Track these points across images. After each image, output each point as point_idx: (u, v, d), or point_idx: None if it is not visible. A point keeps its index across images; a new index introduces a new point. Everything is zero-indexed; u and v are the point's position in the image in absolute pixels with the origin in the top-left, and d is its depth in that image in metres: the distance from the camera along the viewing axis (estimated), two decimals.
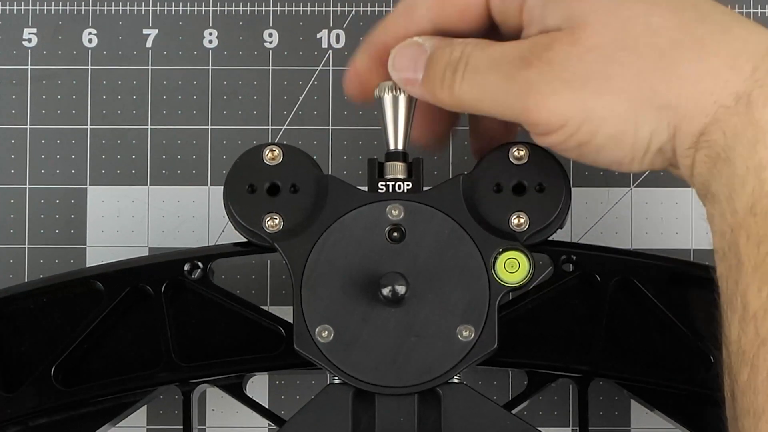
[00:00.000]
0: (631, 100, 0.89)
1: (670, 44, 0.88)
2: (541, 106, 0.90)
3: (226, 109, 1.16)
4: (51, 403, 1.03)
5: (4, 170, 1.16)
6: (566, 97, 0.89)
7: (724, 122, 0.87)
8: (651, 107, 0.89)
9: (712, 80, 0.88)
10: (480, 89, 0.92)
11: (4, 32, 1.16)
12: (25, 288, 1.05)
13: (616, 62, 0.89)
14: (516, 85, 0.90)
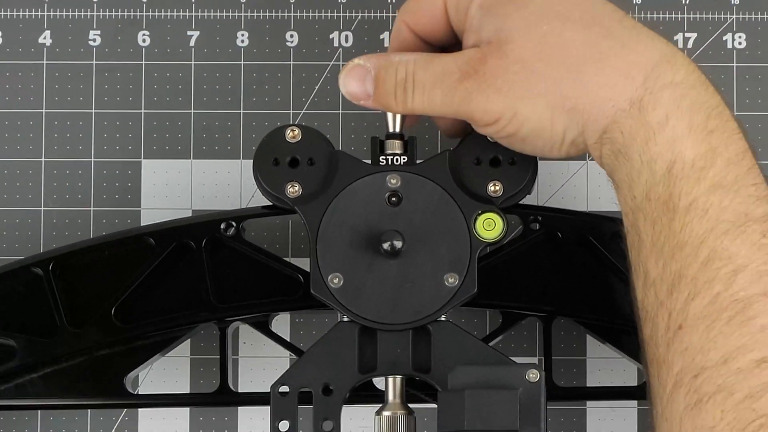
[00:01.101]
0: (547, 104, 0.90)
1: (578, 58, 0.89)
2: (478, 108, 0.91)
3: (255, 97, 1.15)
4: (111, 337, 1.03)
5: (74, 148, 1.15)
6: (497, 101, 0.90)
7: (622, 123, 0.89)
8: (563, 110, 0.90)
9: (611, 89, 0.89)
10: (429, 101, 0.93)
11: (73, 34, 1.15)
12: (92, 243, 1.05)
13: (535, 73, 0.90)
14: (457, 95, 0.92)
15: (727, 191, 0.86)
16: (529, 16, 0.91)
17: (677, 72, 0.89)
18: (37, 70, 1.16)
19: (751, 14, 1.17)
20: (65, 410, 1.13)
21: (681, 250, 0.86)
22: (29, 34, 1.16)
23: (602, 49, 0.89)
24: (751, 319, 0.82)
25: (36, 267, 1.04)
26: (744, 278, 0.84)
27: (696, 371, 0.83)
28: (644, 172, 0.88)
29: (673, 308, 0.86)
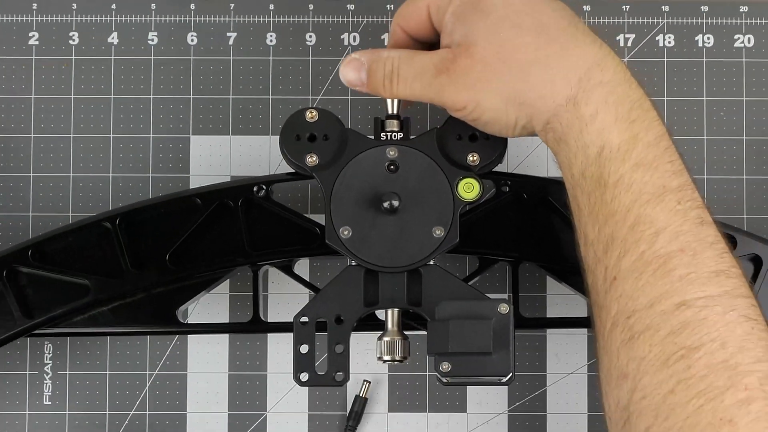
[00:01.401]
0: (503, 98, 0.91)
1: (527, 61, 0.90)
2: (449, 98, 0.92)
3: (281, 85, 1.15)
4: (166, 278, 1.03)
5: (136, 126, 1.14)
6: (464, 93, 0.91)
7: (561, 116, 0.89)
8: (515, 103, 0.90)
9: (552, 87, 0.89)
10: (410, 91, 0.95)
11: (135, 35, 1.15)
12: (150, 202, 1.05)
13: (494, 72, 0.91)
14: (433, 87, 0.93)
15: (647, 168, 0.86)
16: (490, 25, 0.91)
17: (606, 73, 0.89)
18: (106, 65, 1.15)
19: (679, 19, 1.16)
20: (128, 336, 1.12)
21: (612, 217, 0.87)
22: (101, 36, 1.15)
23: (547, 53, 0.90)
24: (671, 271, 0.83)
25: (106, 222, 1.02)
26: (664, 238, 0.84)
27: (628, 314, 0.84)
28: (579, 156, 0.89)
29: (608, 264, 0.87)
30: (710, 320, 0.81)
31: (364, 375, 1.12)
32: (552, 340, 1.13)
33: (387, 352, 0.98)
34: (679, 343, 0.81)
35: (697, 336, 0.81)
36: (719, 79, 1.16)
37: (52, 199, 1.14)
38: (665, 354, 0.81)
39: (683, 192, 0.86)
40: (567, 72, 0.90)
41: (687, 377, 0.80)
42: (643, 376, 0.82)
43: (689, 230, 0.85)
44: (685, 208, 0.86)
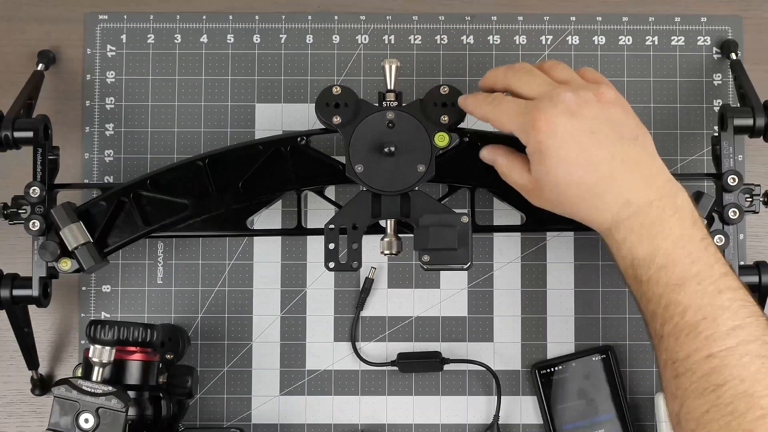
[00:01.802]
0: (567, 215, 0.91)
1: (575, 202, 0.88)
2: (535, 203, 0.93)
3: (316, 70, 1.14)
4: (239, 199, 1.04)
5: (219, 97, 1.13)
6: (542, 204, 0.92)
7: (605, 237, 0.89)
8: (577, 219, 0.90)
9: (591, 221, 0.89)
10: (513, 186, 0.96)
11: (219, 35, 1.14)
12: (228, 148, 1.04)
13: (554, 207, 0.91)
14: (525, 194, 0.94)
15: (669, 267, 0.85)
16: (551, 172, 0.87)
17: (632, 207, 0.86)
18: (199, 56, 1.14)
19: (608, 26, 1.15)
20: (214, 238, 1.11)
21: (650, 302, 0.86)
22: (195, 36, 1.14)
23: (590, 196, 0.87)
24: (699, 333, 0.82)
25: (199, 161, 1.03)
26: (690, 312, 0.83)
27: (673, 360, 0.84)
28: (620, 262, 0.88)
29: (654, 328, 0.86)
30: (731, 365, 0.80)
31: (371, 263, 1.11)
32: (497, 240, 1.12)
33: (387, 248, 0.98)
34: (710, 381, 0.81)
35: (722, 376, 0.80)
36: (635, 65, 1.14)
37: (162, 147, 1.13)
38: (700, 388, 0.81)
39: (700, 275, 0.84)
40: (603, 214, 0.87)
41: (717, 404, 0.80)
42: (686, 399, 0.82)
43: (708, 303, 0.83)
44: (703, 287, 0.84)
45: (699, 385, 0.82)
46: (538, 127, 0.87)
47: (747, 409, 0.79)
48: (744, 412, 0.79)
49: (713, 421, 0.80)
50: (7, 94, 1.07)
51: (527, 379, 1.12)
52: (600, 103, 0.88)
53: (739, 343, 0.81)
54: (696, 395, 0.82)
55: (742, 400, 0.79)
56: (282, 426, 1.11)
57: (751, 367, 0.81)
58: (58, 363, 1.12)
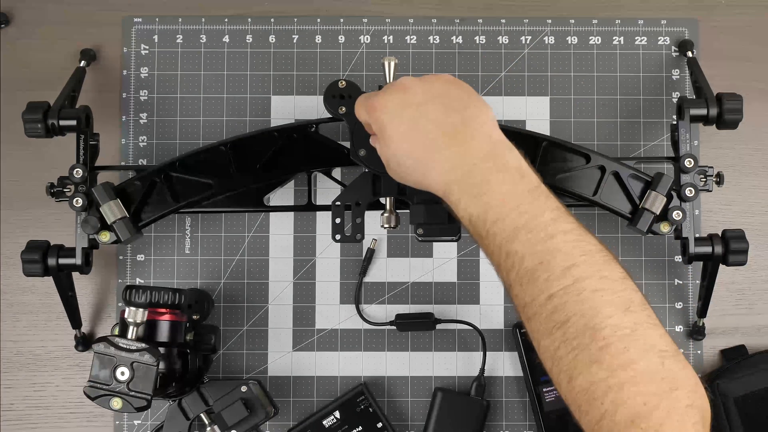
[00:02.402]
0: (414, 184, 0.86)
1: (413, 175, 0.85)
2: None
3: (324, 66, 1.13)
4: (258, 179, 1.03)
5: (239, 89, 1.13)
6: (396, 177, 0.88)
7: (444, 200, 0.84)
8: (422, 187, 0.85)
9: (432, 188, 0.84)
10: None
11: (238, 36, 1.14)
12: (248, 135, 1.04)
13: (401, 177, 0.87)
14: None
15: (501, 221, 0.79)
16: (390, 153, 0.86)
17: (457, 172, 0.82)
18: (221, 55, 1.13)
19: (581, 27, 1.15)
20: (235, 213, 1.11)
21: (492, 254, 0.81)
22: (218, 37, 1.14)
23: (424, 169, 0.83)
24: (537, 278, 0.78)
25: (222, 146, 1.03)
26: (528, 259, 0.78)
27: (522, 306, 0.80)
28: (462, 221, 0.83)
29: (503, 277, 0.81)
30: (570, 302, 0.76)
31: (373, 236, 1.11)
32: None
33: (386, 222, 0.98)
34: (554, 320, 0.76)
35: (564, 314, 0.76)
36: (603, 62, 1.13)
37: (190, 133, 1.13)
38: (548, 328, 0.77)
39: (529, 225, 0.79)
40: (436, 180, 0.83)
41: (564, 340, 0.76)
42: (540, 340, 0.78)
43: (541, 250, 0.78)
44: (534, 235, 0.78)
45: (546, 326, 0.77)
46: (374, 107, 0.86)
47: (591, 341, 0.74)
48: (588, 344, 0.74)
49: (564, 357, 0.75)
50: (54, 87, 1.07)
51: (509, 337, 1.12)
52: (435, 80, 0.86)
53: (575, 281, 0.76)
54: (546, 334, 0.77)
55: (585, 333, 0.74)
56: (294, 378, 1.12)
57: (588, 302, 0.75)
58: (98, 323, 1.13)
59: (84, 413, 1.11)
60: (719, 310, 1.11)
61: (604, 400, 0.73)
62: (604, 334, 0.74)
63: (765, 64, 1.14)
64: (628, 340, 0.74)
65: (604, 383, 0.73)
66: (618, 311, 0.75)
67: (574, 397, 0.76)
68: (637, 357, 0.73)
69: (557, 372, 0.77)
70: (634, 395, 0.72)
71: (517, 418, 1.11)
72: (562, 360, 0.76)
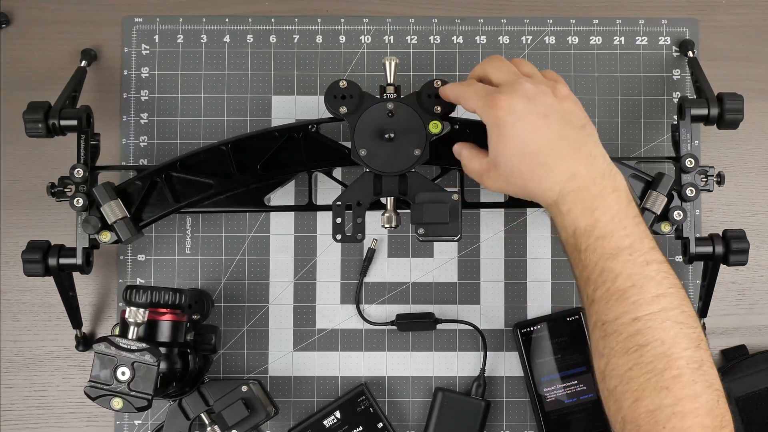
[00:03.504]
0: (518, 192, 0.89)
1: (526, 181, 0.86)
2: (486, 185, 0.91)
3: (325, 66, 1.12)
4: (258, 179, 1.03)
5: (240, 89, 1.13)
6: (495, 186, 0.90)
7: (550, 209, 0.87)
8: (526, 194, 0.88)
9: (542, 196, 0.86)
10: (467, 169, 0.95)
11: (239, 36, 1.13)
12: (249, 135, 1.03)
13: (508, 184, 0.88)
14: (481, 179, 0.92)
15: (606, 238, 0.84)
16: (507, 153, 0.86)
17: (577, 181, 0.85)
18: (222, 54, 1.13)
19: (581, 27, 1.14)
20: (235, 213, 1.11)
21: (586, 268, 0.85)
22: (219, 37, 1.14)
23: (539, 174, 0.86)
24: (627, 298, 0.82)
25: (222, 146, 1.02)
26: (621, 279, 0.83)
27: (602, 322, 0.83)
28: (563, 232, 0.87)
29: (588, 293, 0.85)
30: (653, 327, 0.81)
31: (373, 235, 1.11)
32: (483, 215, 1.12)
33: (387, 222, 0.99)
34: (634, 342, 0.81)
35: (645, 338, 0.80)
36: (604, 62, 1.13)
37: (190, 133, 1.12)
38: (625, 348, 0.81)
39: (632, 248, 0.83)
40: (551, 186, 0.85)
41: (639, 362, 0.80)
42: (611, 357, 0.82)
43: (637, 272, 0.82)
44: (633, 258, 0.83)
45: (624, 345, 0.81)
46: (498, 106, 0.86)
47: (665, 368, 0.80)
48: (662, 371, 0.80)
49: (635, 378, 0.80)
50: (54, 87, 1.07)
51: (510, 337, 1.11)
52: (554, 96, 0.87)
53: (662, 310, 0.82)
54: (621, 354, 0.81)
55: (662, 359, 0.80)
56: (295, 378, 1.12)
57: (670, 331, 0.81)
58: (99, 323, 1.13)
59: (84, 413, 1.11)
60: (720, 310, 1.12)
61: (666, 425, 0.78)
62: (678, 365, 0.80)
63: (765, 64, 1.14)
64: (696, 375, 0.80)
65: (669, 409, 0.79)
66: (692, 346, 0.81)
67: (636, 417, 0.80)
68: (702, 392, 0.79)
69: (623, 391, 0.81)
70: (694, 426, 0.78)
71: (518, 418, 1.11)
72: (633, 381, 0.80)
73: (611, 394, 0.82)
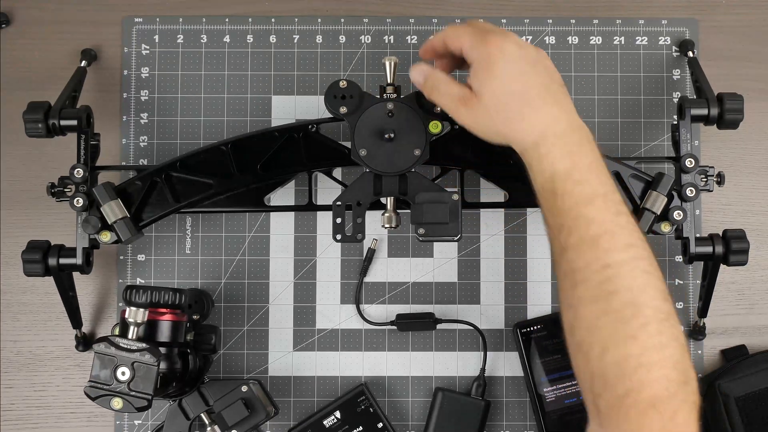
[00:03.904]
0: (492, 132, 0.88)
1: (511, 115, 0.86)
2: (460, 118, 0.89)
3: (325, 66, 1.13)
4: (257, 179, 1.03)
5: (240, 89, 1.13)
6: (469, 119, 0.88)
7: (528, 151, 0.86)
8: (499, 136, 0.88)
9: (523, 135, 0.86)
10: (440, 101, 0.91)
11: (239, 36, 1.13)
12: (249, 135, 1.03)
13: (490, 117, 0.87)
14: (452, 107, 0.89)
15: (583, 183, 0.84)
16: (494, 86, 0.87)
17: (559, 125, 0.86)
18: (222, 54, 1.13)
19: (581, 27, 1.15)
20: (235, 213, 1.11)
21: (561, 213, 0.84)
22: (219, 37, 1.14)
23: (524, 112, 0.86)
24: (599, 245, 0.82)
25: (222, 146, 1.02)
26: (595, 226, 0.83)
27: (573, 271, 0.83)
28: (539, 176, 0.86)
29: (560, 240, 0.85)
30: (623, 275, 0.81)
31: (373, 235, 1.11)
32: (483, 215, 1.12)
33: (387, 222, 0.99)
34: (603, 288, 0.81)
35: (614, 285, 0.80)
36: (604, 62, 1.13)
37: (190, 133, 1.12)
38: (595, 295, 0.81)
39: (606, 196, 0.84)
40: (534, 126, 0.86)
41: (608, 310, 0.80)
42: (580, 307, 0.82)
43: (610, 220, 0.83)
44: (607, 206, 0.83)
45: (594, 293, 0.81)
46: (491, 43, 0.87)
47: (632, 316, 0.79)
48: (630, 319, 0.79)
49: (602, 327, 0.80)
50: (54, 87, 1.07)
51: (510, 337, 1.11)
52: (537, 52, 0.89)
53: (632, 258, 0.82)
54: (590, 302, 0.81)
55: (629, 307, 0.80)
56: (295, 378, 1.12)
57: (639, 279, 0.81)
58: (99, 323, 1.13)
59: (84, 413, 1.11)
60: (720, 310, 1.12)
61: (633, 377, 0.78)
62: (645, 313, 0.79)
63: (765, 64, 1.14)
64: (663, 326, 0.80)
65: (635, 360, 0.78)
66: (660, 297, 0.81)
67: (603, 368, 0.79)
68: (667, 343, 0.79)
69: (590, 342, 0.81)
70: (660, 378, 0.78)
71: (518, 418, 1.11)
72: (601, 330, 0.80)
73: (579, 348, 0.82)
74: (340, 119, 0.99)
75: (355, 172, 1.10)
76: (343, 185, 1.09)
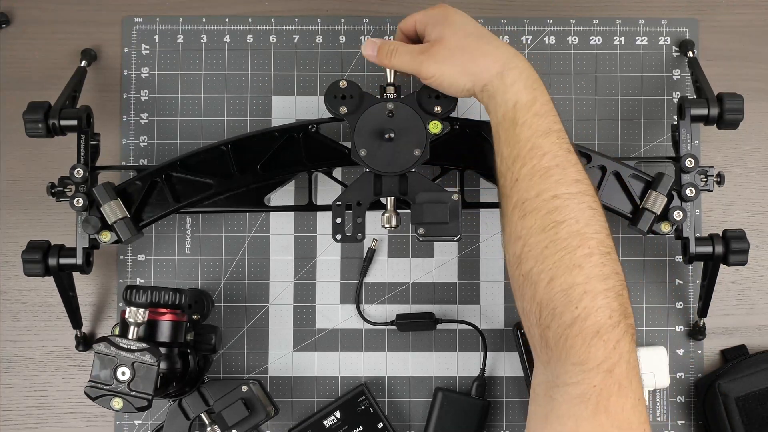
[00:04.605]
0: (457, 70, 0.91)
1: (474, 51, 0.91)
2: (424, 69, 0.93)
3: (325, 66, 1.13)
4: (258, 179, 1.03)
5: (240, 89, 1.13)
6: (434, 66, 0.92)
7: (492, 83, 0.90)
8: (465, 73, 0.91)
9: (488, 66, 0.90)
10: (401, 62, 0.95)
11: (239, 36, 1.13)
12: (249, 135, 1.04)
13: (454, 55, 0.91)
14: (416, 61, 0.93)
15: (542, 117, 0.88)
16: (454, 30, 0.92)
17: (518, 61, 0.90)
18: (222, 55, 1.13)
19: (582, 27, 1.14)
20: (235, 213, 1.11)
21: (518, 143, 0.88)
22: (219, 37, 1.14)
23: (486, 48, 0.91)
24: (550, 177, 0.86)
25: (222, 146, 1.03)
26: (547, 158, 0.86)
27: (523, 200, 0.86)
28: (502, 106, 0.89)
29: (513, 171, 0.88)
30: (571, 206, 0.84)
31: (373, 235, 1.11)
32: (483, 215, 1.12)
33: (387, 222, 0.99)
34: (552, 218, 0.84)
35: (562, 215, 0.84)
36: (604, 62, 1.13)
37: (190, 133, 1.12)
38: (543, 225, 0.84)
39: (560, 133, 0.88)
40: (497, 58, 0.90)
41: (555, 239, 0.83)
42: (529, 237, 0.85)
43: (562, 155, 0.87)
44: (560, 142, 0.87)
45: (542, 222, 0.84)
46: (439, 6, 0.95)
47: (578, 245, 0.83)
48: (575, 248, 0.83)
49: (550, 257, 0.83)
50: (54, 87, 1.07)
51: (509, 337, 1.12)
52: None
53: (580, 192, 0.86)
54: (538, 232, 0.84)
55: (576, 237, 0.83)
56: (295, 378, 1.12)
57: (586, 212, 0.85)
58: (99, 323, 1.13)
59: (84, 413, 1.11)
60: (720, 310, 1.12)
61: (579, 305, 0.81)
62: (590, 244, 0.83)
63: (765, 64, 1.14)
64: (606, 258, 0.84)
65: (581, 287, 0.82)
66: (604, 231, 0.85)
67: (551, 297, 0.83)
68: (609, 275, 0.83)
69: (538, 271, 0.84)
70: (604, 307, 0.81)
71: (518, 418, 1.11)
72: (548, 259, 0.84)
73: (527, 279, 0.85)
74: (340, 119, 0.99)
75: (355, 172, 1.10)
76: (343, 185, 1.09)
